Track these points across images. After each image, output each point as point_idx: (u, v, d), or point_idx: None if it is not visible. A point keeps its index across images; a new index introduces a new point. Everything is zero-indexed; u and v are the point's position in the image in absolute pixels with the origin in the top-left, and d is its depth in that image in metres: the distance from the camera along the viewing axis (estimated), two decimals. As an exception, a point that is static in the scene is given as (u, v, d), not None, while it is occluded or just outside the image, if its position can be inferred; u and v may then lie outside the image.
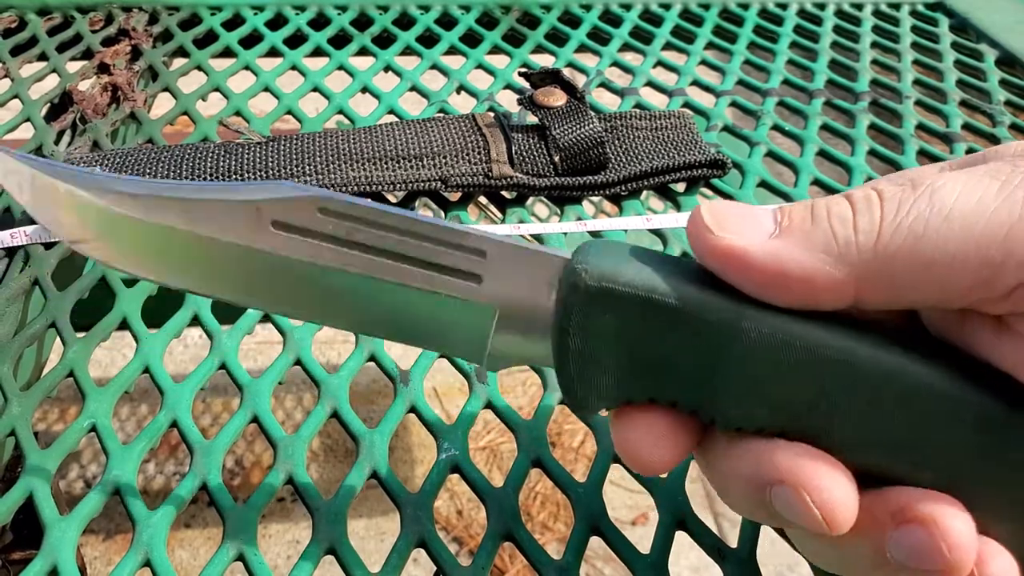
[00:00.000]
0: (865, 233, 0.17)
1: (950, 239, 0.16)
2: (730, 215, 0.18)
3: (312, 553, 0.24)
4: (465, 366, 0.30)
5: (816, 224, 0.17)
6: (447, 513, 1.08)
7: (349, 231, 0.19)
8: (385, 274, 0.19)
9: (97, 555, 1.02)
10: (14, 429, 0.27)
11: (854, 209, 0.17)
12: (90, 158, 0.36)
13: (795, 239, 0.17)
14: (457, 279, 0.19)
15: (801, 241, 0.17)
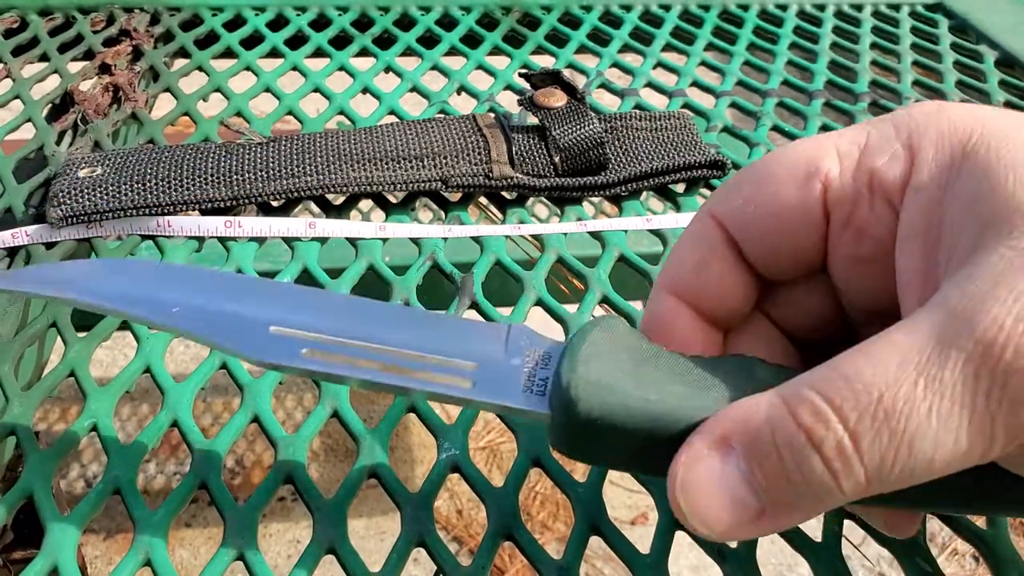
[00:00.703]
0: (853, 490, 0.16)
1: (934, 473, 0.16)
2: (702, 499, 0.17)
3: (312, 552, 0.24)
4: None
5: (800, 498, 0.16)
6: (447, 513, 1.08)
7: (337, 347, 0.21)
8: (387, 390, 0.21)
9: (98, 554, 1.02)
10: (15, 429, 0.27)
11: (833, 474, 0.16)
12: (91, 158, 0.36)
13: (782, 518, 0.17)
14: (451, 392, 0.21)
15: (789, 515, 0.17)
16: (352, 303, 0.23)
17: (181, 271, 0.25)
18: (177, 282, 0.23)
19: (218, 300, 0.22)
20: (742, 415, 0.17)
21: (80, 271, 0.23)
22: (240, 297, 0.22)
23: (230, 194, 0.35)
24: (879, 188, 0.19)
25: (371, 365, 0.21)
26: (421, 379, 0.21)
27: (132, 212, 0.34)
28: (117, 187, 0.34)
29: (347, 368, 0.21)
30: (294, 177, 0.35)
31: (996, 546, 0.25)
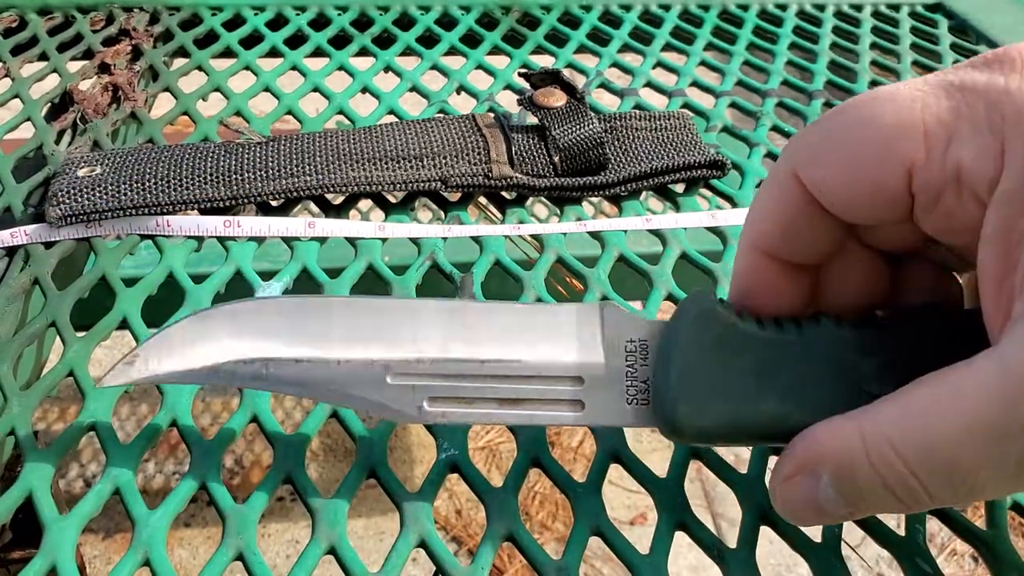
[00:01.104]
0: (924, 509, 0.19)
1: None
2: (799, 511, 0.20)
3: (311, 552, 0.24)
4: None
5: (880, 508, 0.19)
6: (446, 513, 1.08)
7: (453, 390, 0.23)
8: (493, 421, 0.23)
9: (97, 554, 1.02)
10: (14, 428, 0.27)
11: (907, 506, 0.19)
12: (91, 158, 0.36)
13: (866, 513, 0.20)
14: (561, 412, 0.22)
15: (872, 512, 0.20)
16: (448, 314, 0.23)
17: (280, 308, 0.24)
18: (271, 327, 0.23)
19: (324, 346, 0.22)
20: (827, 449, 0.19)
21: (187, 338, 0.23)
22: (344, 334, 0.23)
23: (229, 194, 0.35)
24: (967, 182, 0.18)
25: (487, 409, 0.22)
26: (533, 413, 0.22)
27: (131, 211, 0.34)
28: (116, 186, 0.34)
29: (465, 416, 0.22)
30: (293, 177, 0.35)
31: (995, 546, 0.25)
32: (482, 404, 0.22)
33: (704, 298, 0.22)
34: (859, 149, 0.19)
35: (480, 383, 0.22)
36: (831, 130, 0.20)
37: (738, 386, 0.21)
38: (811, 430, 0.20)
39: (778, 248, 0.22)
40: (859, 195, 0.20)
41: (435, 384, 0.22)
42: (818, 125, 0.21)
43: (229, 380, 0.23)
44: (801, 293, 0.22)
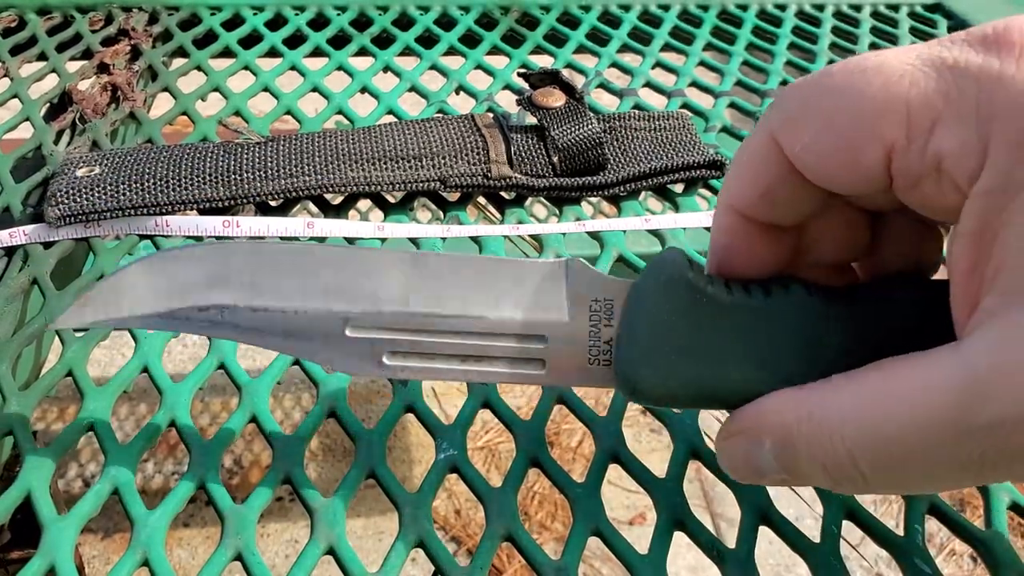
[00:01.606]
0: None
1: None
2: (738, 466, 0.21)
3: (310, 552, 0.24)
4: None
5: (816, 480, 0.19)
6: (445, 513, 1.08)
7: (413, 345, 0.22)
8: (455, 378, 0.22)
9: (95, 554, 1.02)
10: (12, 428, 0.27)
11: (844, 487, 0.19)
12: (89, 158, 0.36)
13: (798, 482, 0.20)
14: (523, 369, 0.22)
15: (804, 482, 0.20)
16: (411, 265, 0.22)
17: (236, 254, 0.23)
18: (228, 273, 0.22)
19: (282, 295, 0.22)
20: (773, 421, 0.19)
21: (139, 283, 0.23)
22: (302, 283, 0.22)
23: (228, 194, 0.35)
24: (947, 172, 0.17)
25: (447, 365, 0.22)
26: (495, 371, 0.22)
27: (130, 212, 0.34)
28: (115, 186, 0.34)
29: (426, 372, 0.22)
30: (292, 177, 0.35)
31: (994, 546, 0.25)
32: (443, 360, 0.22)
33: (673, 259, 0.21)
34: (838, 121, 0.18)
35: (441, 338, 0.22)
36: (811, 97, 0.19)
37: (702, 351, 0.20)
38: (764, 399, 0.20)
39: (757, 211, 0.21)
40: (836, 168, 0.19)
41: (395, 338, 0.22)
42: (800, 88, 0.19)
43: (184, 326, 0.22)
44: (781, 252, 0.22)
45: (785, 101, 0.20)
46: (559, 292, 0.22)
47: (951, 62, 0.17)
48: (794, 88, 0.20)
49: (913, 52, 0.18)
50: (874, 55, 0.18)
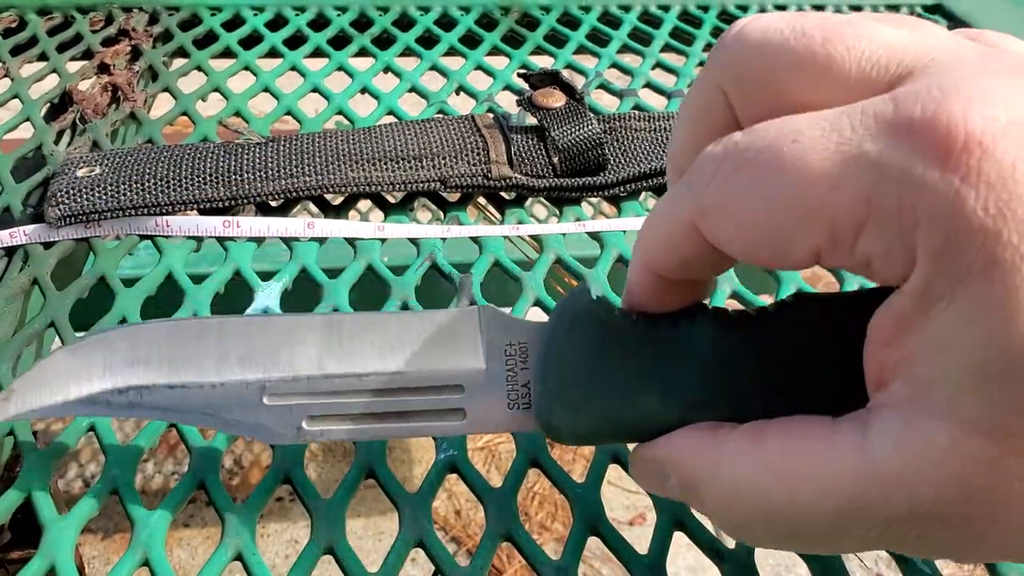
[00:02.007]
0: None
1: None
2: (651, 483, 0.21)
3: (310, 552, 0.24)
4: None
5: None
6: (445, 513, 1.08)
7: (332, 407, 0.22)
8: (377, 437, 0.22)
9: (96, 554, 1.02)
10: (13, 428, 0.27)
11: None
12: (90, 158, 0.36)
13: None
14: (444, 422, 0.22)
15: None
16: (324, 328, 0.22)
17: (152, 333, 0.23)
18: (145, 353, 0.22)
19: (198, 369, 0.22)
20: (681, 463, 0.20)
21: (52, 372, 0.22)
22: (218, 356, 0.22)
23: (228, 194, 0.35)
24: (876, 272, 0.16)
25: (368, 425, 0.22)
26: (416, 425, 0.22)
27: (130, 212, 0.34)
28: (115, 187, 0.34)
29: (346, 433, 0.22)
30: (293, 177, 0.35)
31: (994, 547, 0.25)
32: (363, 420, 0.22)
33: (580, 297, 0.21)
34: (760, 224, 0.17)
35: (359, 398, 0.22)
36: (729, 192, 0.17)
37: (613, 386, 0.20)
38: (676, 435, 0.20)
39: (673, 274, 0.20)
40: (762, 260, 0.18)
41: (313, 402, 0.22)
42: (717, 171, 0.18)
43: (105, 411, 0.22)
44: (694, 295, 0.21)
45: (700, 184, 0.18)
46: (474, 340, 0.22)
47: (873, 158, 0.15)
48: (709, 167, 0.18)
49: (833, 137, 0.16)
50: (789, 134, 0.16)
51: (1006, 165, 0.14)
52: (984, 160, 0.14)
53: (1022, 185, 0.14)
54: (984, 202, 0.14)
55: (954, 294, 0.15)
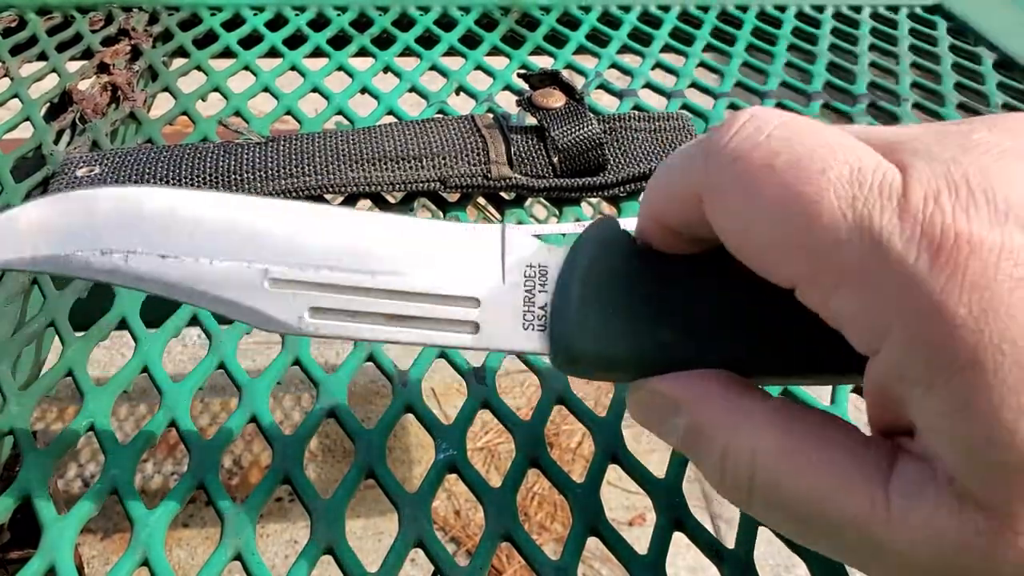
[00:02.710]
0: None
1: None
2: (651, 418, 0.21)
3: (310, 553, 0.24)
4: (463, 366, 0.30)
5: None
6: (445, 513, 1.08)
7: (338, 302, 0.21)
8: (379, 339, 0.21)
9: (95, 554, 1.02)
10: (12, 428, 0.27)
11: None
12: (89, 158, 0.36)
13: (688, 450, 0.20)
14: (454, 332, 0.21)
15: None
16: (340, 219, 0.21)
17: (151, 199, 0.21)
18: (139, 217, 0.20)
19: (195, 243, 0.20)
20: (699, 406, 0.19)
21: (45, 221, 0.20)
22: (220, 232, 0.21)
23: (228, 194, 0.35)
24: (848, 332, 0.17)
25: (374, 324, 0.21)
26: (425, 332, 0.21)
27: (130, 211, 0.34)
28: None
29: (351, 331, 0.21)
30: (292, 177, 0.35)
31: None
32: (369, 319, 0.21)
33: (606, 227, 0.21)
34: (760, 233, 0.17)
35: (369, 296, 0.21)
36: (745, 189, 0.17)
37: (634, 315, 0.20)
38: (703, 379, 0.19)
39: (678, 228, 0.20)
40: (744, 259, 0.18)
41: (319, 294, 0.21)
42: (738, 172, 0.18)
43: (81, 271, 0.20)
44: (703, 245, 0.21)
45: (718, 162, 0.18)
46: (494, 257, 0.21)
47: (877, 228, 0.15)
48: (730, 151, 0.18)
49: (855, 188, 0.16)
50: (819, 160, 0.16)
51: (990, 265, 0.14)
52: (971, 259, 0.15)
53: (1004, 285, 0.14)
54: (968, 300, 0.14)
55: (932, 382, 0.15)
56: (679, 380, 0.19)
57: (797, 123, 0.17)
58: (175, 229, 0.20)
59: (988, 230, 0.15)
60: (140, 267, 0.20)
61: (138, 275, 0.20)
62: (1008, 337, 0.14)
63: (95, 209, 0.21)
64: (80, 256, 0.20)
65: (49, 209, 0.21)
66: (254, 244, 0.21)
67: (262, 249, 0.21)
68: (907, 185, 0.16)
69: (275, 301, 0.20)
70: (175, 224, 0.21)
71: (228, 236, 0.21)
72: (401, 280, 0.21)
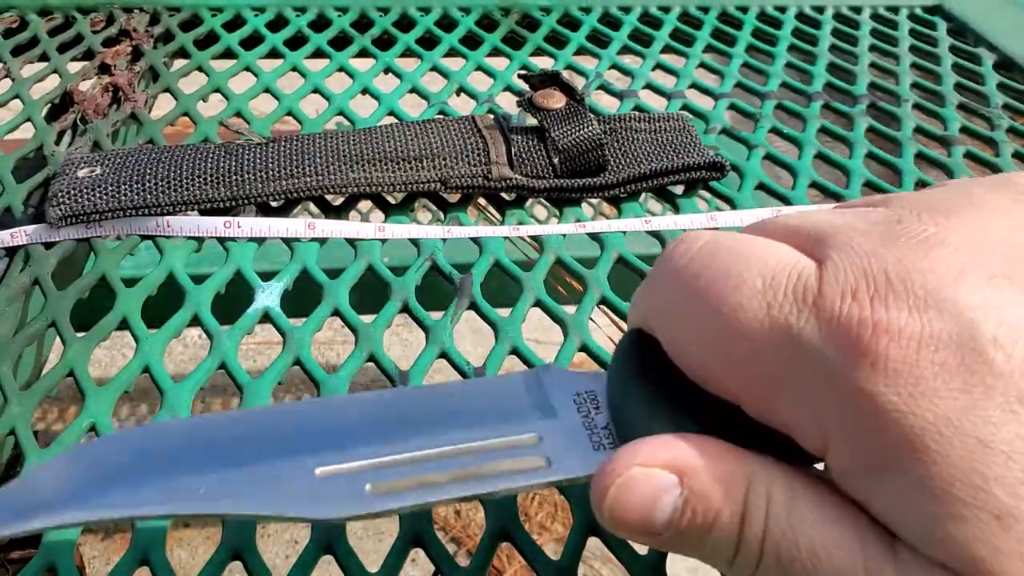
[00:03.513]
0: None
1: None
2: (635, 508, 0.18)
3: (310, 552, 0.24)
4: (464, 367, 0.30)
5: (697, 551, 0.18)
6: (445, 513, 1.08)
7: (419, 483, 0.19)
8: (467, 496, 0.19)
9: (96, 554, 1.02)
10: (14, 428, 0.27)
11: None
12: (91, 158, 0.36)
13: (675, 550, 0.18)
14: (530, 482, 0.19)
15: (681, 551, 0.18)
16: (370, 407, 0.20)
17: (170, 437, 0.20)
18: (180, 453, 0.19)
19: (238, 457, 0.19)
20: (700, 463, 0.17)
21: (60, 480, 0.18)
22: (256, 444, 0.19)
23: (229, 194, 0.35)
24: (800, 442, 0.17)
25: (442, 479, 0.19)
26: (497, 476, 0.19)
27: (131, 212, 0.34)
28: (116, 187, 0.34)
29: (421, 493, 0.19)
30: (293, 178, 0.35)
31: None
32: (435, 479, 0.19)
33: (637, 340, 0.20)
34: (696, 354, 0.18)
35: (436, 467, 0.19)
36: (672, 306, 0.19)
37: (680, 410, 0.19)
38: (701, 448, 0.17)
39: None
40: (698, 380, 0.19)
41: (371, 464, 0.19)
42: (671, 284, 0.19)
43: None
44: None
45: (654, 287, 0.19)
46: (539, 396, 0.21)
47: (794, 332, 0.16)
48: (668, 278, 0.19)
49: (768, 296, 0.16)
50: (734, 277, 0.17)
51: (911, 352, 0.15)
52: (891, 347, 0.15)
53: (927, 370, 0.15)
54: (895, 387, 0.15)
55: (883, 469, 0.15)
56: (677, 450, 0.18)
57: (720, 241, 0.18)
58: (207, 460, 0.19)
59: (907, 318, 0.15)
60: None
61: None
62: (942, 417, 0.15)
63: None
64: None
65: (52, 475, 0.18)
66: (295, 448, 0.19)
67: (307, 451, 0.19)
68: (822, 282, 0.16)
69: (333, 486, 0.18)
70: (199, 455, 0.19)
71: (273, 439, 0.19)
72: (455, 439, 0.19)
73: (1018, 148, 0.44)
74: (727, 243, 0.18)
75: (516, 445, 0.20)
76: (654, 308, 0.19)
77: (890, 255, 0.16)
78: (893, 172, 0.42)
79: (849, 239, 0.17)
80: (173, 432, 0.20)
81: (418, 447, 0.19)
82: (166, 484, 0.18)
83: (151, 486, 0.18)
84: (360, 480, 0.18)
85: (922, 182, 0.41)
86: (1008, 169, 0.43)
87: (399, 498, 0.18)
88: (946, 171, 0.42)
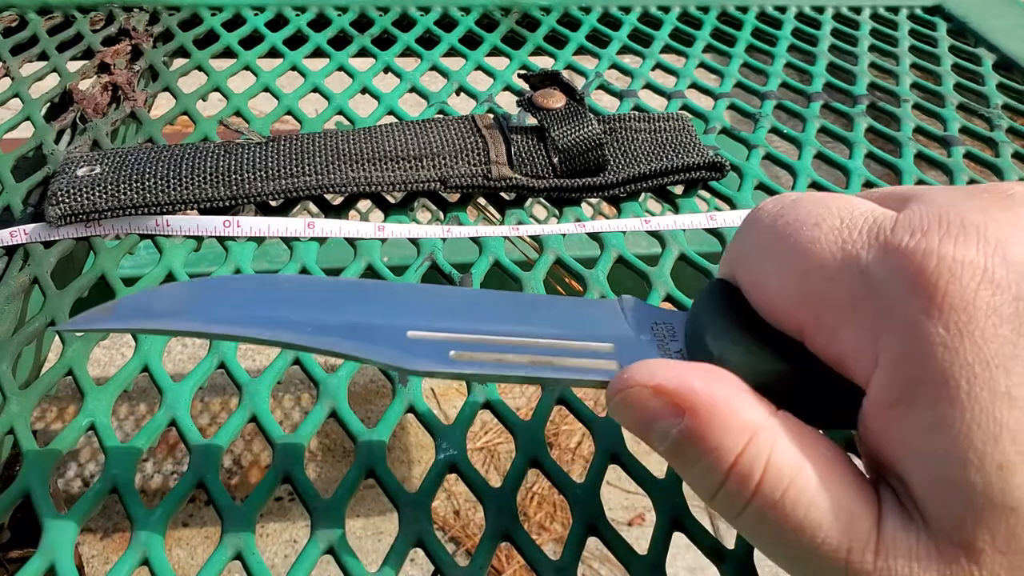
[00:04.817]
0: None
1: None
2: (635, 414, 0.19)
3: (310, 552, 0.24)
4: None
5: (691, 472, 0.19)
6: (444, 513, 1.08)
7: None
8: (538, 383, 0.21)
9: (95, 554, 1.02)
10: (13, 427, 0.27)
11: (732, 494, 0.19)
12: (90, 157, 0.36)
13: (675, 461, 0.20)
14: (601, 377, 0.20)
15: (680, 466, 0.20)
16: (464, 296, 0.22)
17: (285, 284, 0.22)
18: (292, 297, 0.21)
19: (342, 312, 0.21)
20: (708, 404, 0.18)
21: (183, 298, 0.21)
22: (361, 305, 0.21)
23: (229, 194, 0.35)
24: (848, 369, 0.18)
25: (520, 360, 0.21)
26: (570, 367, 0.21)
27: (131, 211, 0.34)
28: (116, 186, 0.34)
29: (498, 366, 0.20)
30: (293, 177, 0.35)
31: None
32: (515, 359, 0.21)
33: (722, 286, 0.21)
34: (771, 287, 0.19)
35: (516, 350, 0.21)
36: (756, 250, 0.20)
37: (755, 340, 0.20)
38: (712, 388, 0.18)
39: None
40: (765, 314, 0.20)
41: (460, 338, 0.21)
42: (754, 235, 0.20)
43: (283, 335, 0.20)
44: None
45: (739, 245, 0.21)
46: (619, 318, 0.22)
47: (863, 265, 0.17)
48: (743, 235, 0.21)
49: (844, 233, 0.18)
50: (814, 216, 0.18)
51: (969, 291, 0.15)
52: (951, 283, 0.16)
53: (980, 311, 0.15)
54: (945, 321, 0.15)
55: (912, 400, 0.16)
56: (683, 381, 0.18)
57: (807, 196, 0.20)
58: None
59: (973, 256, 0.16)
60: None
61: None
62: (981, 359, 0.15)
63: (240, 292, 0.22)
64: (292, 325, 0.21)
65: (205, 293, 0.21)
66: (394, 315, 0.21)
67: (400, 313, 0.21)
68: (897, 223, 0.17)
69: (422, 347, 0.20)
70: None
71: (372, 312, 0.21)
72: (538, 333, 0.21)
73: (1018, 148, 0.44)
74: (814, 197, 0.19)
75: (593, 349, 0.21)
76: (739, 253, 0.21)
77: (971, 205, 0.17)
78: (893, 172, 0.42)
79: (933, 196, 0.18)
80: (285, 281, 0.22)
81: (503, 333, 0.21)
82: (274, 314, 0.21)
83: (260, 315, 0.21)
84: (446, 347, 0.20)
85: (922, 182, 0.41)
86: (1008, 169, 0.43)
87: (477, 365, 0.20)
88: (946, 171, 0.42)
